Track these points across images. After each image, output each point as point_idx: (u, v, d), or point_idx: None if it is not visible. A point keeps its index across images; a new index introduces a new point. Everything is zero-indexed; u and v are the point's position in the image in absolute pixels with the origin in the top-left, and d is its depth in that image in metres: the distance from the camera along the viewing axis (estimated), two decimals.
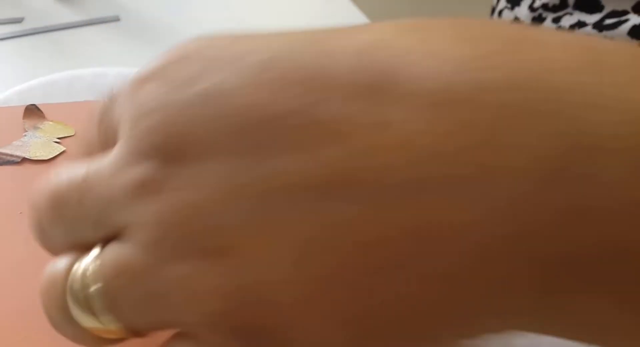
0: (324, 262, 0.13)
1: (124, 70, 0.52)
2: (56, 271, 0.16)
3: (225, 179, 0.14)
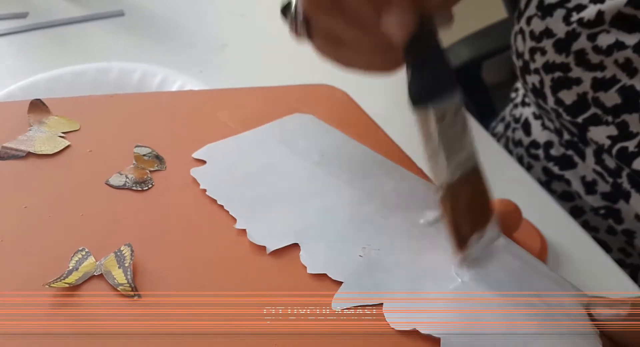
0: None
1: (128, 66, 0.52)
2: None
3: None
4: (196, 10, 0.67)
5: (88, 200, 0.28)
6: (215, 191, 0.29)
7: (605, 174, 0.49)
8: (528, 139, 0.59)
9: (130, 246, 0.25)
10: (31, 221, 0.27)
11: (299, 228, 0.27)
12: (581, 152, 0.51)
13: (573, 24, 0.44)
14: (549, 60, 0.47)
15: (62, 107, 0.34)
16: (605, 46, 0.43)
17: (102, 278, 0.24)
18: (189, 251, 0.26)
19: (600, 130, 0.46)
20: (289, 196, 0.29)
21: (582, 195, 0.53)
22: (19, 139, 0.31)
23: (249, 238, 0.26)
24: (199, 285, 0.24)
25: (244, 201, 0.28)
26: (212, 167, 0.30)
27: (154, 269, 0.25)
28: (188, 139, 0.32)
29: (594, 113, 0.46)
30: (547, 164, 0.56)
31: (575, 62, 0.45)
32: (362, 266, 0.25)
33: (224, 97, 0.37)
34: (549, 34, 0.46)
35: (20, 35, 0.63)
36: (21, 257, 0.25)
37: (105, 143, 0.32)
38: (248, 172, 0.30)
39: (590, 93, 0.45)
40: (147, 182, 0.29)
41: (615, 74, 0.43)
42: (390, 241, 0.26)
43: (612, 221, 0.51)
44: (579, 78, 0.45)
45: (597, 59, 0.44)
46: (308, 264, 0.25)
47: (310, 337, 0.22)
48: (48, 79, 0.50)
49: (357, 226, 0.27)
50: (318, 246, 0.26)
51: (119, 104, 0.35)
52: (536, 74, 0.49)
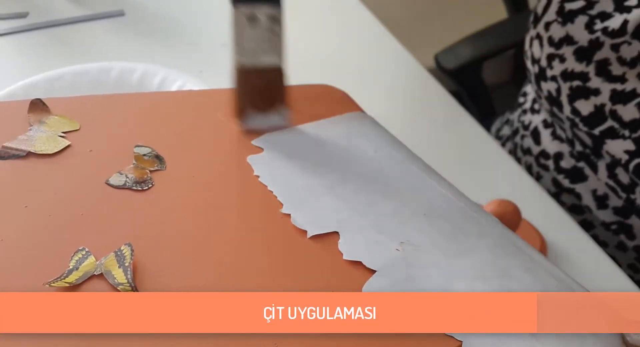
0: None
1: (128, 65, 0.52)
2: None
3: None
4: (196, 9, 0.67)
5: (88, 199, 0.28)
6: (267, 178, 0.30)
7: (619, 189, 0.48)
8: (538, 148, 0.58)
9: (130, 245, 0.25)
10: (31, 221, 0.27)
11: (342, 217, 0.27)
12: (593, 164, 0.50)
13: (597, 33, 0.43)
14: (567, 69, 0.46)
15: (63, 106, 0.34)
16: (629, 58, 0.42)
17: (102, 278, 0.24)
18: (189, 251, 0.26)
19: (617, 144, 0.45)
20: (338, 187, 0.29)
21: (593, 209, 0.52)
22: (20, 138, 0.31)
23: (292, 222, 0.27)
24: (199, 285, 0.24)
25: (293, 189, 0.29)
26: (269, 155, 0.31)
27: (154, 268, 0.25)
28: (188, 139, 0.32)
29: (610, 126, 0.45)
30: (557, 175, 0.55)
31: (595, 71, 0.44)
32: (398, 259, 0.25)
33: (225, 97, 0.37)
34: (570, 41, 0.45)
35: (21, 35, 0.63)
36: (21, 256, 0.25)
37: (105, 143, 0.32)
38: (302, 162, 0.31)
39: (608, 105, 0.44)
40: (147, 182, 0.29)
41: (635, 87, 0.42)
42: (430, 240, 0.26)
43: (623, 237, 0.51)
44: (598, 89, 0.44)
45: (620, 70, 0.43)
46: (345, 251, 0.26)
47: (310, 337, 0.22)
48: (48, 79, 0.50)
49: (399, 221, 0.27)
50: (357, 235, 0.27)
51: (119, 104, 0.35)
52: (553, 81, 0.48)
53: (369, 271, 0.25)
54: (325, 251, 0.26)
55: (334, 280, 0.25)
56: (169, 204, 0.28)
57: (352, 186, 0.30)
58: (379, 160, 0.32)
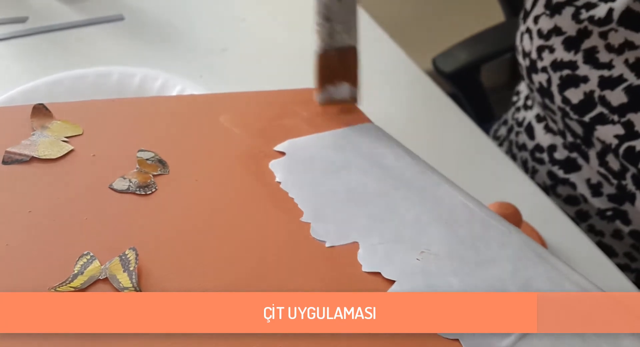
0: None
1: (128, 70, 0.52)
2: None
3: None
4: (196, 14, 0.67)
5: (92, 204, 0.28)
6: (288, 184, 0.30)
7: (610, 176, 0.49)
8: (532, 143, 0.59)
9: (134, 249, 0.25)
10: (36, 225, 0.27)
11: (361, 226, 0.28)
12: (585, 154, 0.52)
13: (584, 22, 0.45)
14: (557, 58, 0.47)
15: (65, 111, 0.34)
16: (617, 45, 0.43)
17: (107, 282, 0.24)
18: (193, 255, 0.26)
19: (607, 129, 0.46)
20: (357, 194, 0.30)
21: (588, 198, 0.53)
22: (23, 143, 0.31)
23: (311, 233, 0.27)
24: (204, 288, 0.24)
25: (313, 196, 0.29)
26: (290, 161, 0.32)
27: (159, 272, 0.25)
28: (190, 143, 0.33)
29: (600, 112, 0.46)
30: (551, 167, 0.56)
31: (583, 59, 0.46)
32: (417, 268, 0.25)
33: (225, 101, 0.37)
34: (558, 32, 0.47)
35: (20, 39, 0.63)
36: (26, 261, 0.25)
37: (108, 147, 0.32)
38: (323, 168, 0.31)
39: (596, 91, 0.46)
40: (150, 186, 0.29)
41: (622, 73, 0.44)
42: (450, 249, 0.26)
43: (619, 223, 0.51)
44: (586, 76, 0.46)
45: (607, 57, 0.44)
46: (364, 262, 0.26)
47: (311, 338, 0.23)
48: (48, 84, 0.50)
49: (419, 229, 0.28)
50: (377, 246, 0.27)
51: (122, 109, 0.35)
52: (544, 73, 0.49)
53: (388, 280, 0.25)
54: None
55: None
56: (173, 208, 0.28)
57: (373, 193, 0.30)
58: (400, 168, 0.32)
